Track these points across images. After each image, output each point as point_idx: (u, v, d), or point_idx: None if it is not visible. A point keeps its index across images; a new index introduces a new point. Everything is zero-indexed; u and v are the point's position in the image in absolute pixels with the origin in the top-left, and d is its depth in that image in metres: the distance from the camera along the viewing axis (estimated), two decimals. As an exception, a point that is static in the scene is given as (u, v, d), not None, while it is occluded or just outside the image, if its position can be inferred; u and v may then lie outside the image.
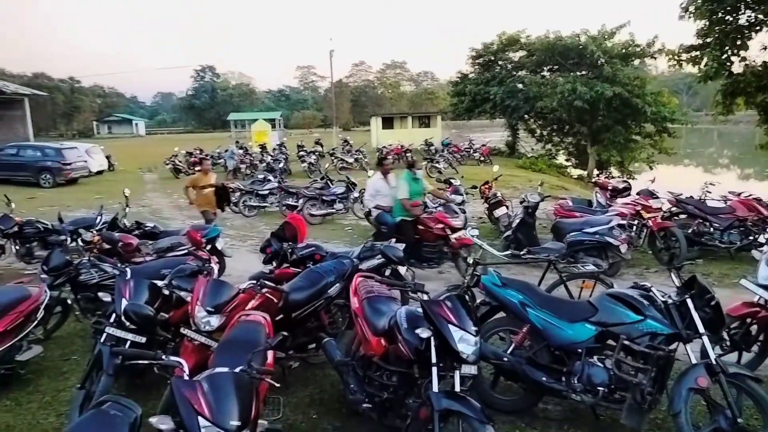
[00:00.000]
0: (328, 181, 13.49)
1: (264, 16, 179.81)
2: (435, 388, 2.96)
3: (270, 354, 3.32)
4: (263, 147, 26.30)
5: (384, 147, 26.28)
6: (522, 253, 5.77)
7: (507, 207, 9.91)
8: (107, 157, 24.92)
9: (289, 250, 5.80)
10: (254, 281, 4.36)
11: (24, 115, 27.91)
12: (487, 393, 4.12)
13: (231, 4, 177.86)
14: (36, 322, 4.89)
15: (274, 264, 5.82)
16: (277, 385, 3.05)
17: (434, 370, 3.02)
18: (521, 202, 9.31)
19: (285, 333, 3.07)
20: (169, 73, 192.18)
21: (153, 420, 2.28)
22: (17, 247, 8.20)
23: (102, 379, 3.86)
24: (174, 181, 21.61)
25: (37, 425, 4.12)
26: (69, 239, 6.66)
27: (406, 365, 3.42)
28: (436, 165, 21.13)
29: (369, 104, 79.70)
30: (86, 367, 4.23)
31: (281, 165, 21.42)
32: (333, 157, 23.72)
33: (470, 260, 4.89)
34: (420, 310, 3.33)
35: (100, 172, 23.16)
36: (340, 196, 12.79)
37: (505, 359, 3.89)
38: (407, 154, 24.74)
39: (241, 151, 23.74)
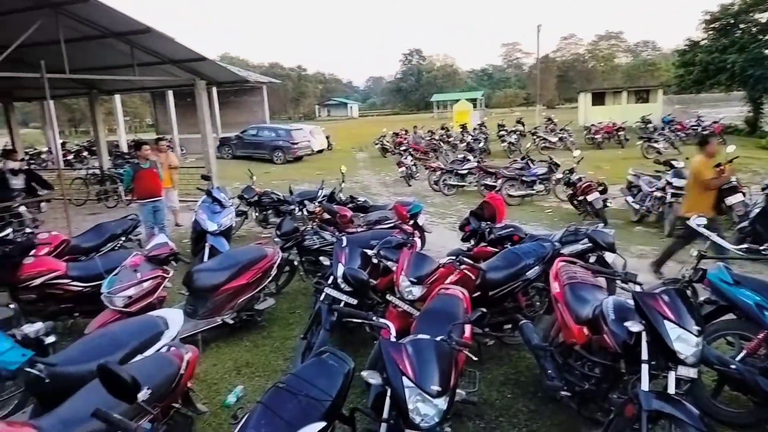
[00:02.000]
0: (529, 161, 13.08)
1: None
2: (645, 386, 2.72)
3: (468, 328, 3.40)
4: (464, 127, 26.50)
5: (593, 125, 24.45)
6: (762, 248, 4.91)
7: (743, 194, 8.49)
8: (327, 138, 27.71)
9: (488, 230, 5.81)
10: (453, 257, 4.48)
11: (262, 100, 32.45)
12: (707, 401, 3.65)
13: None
14: (270, 278, 5.74)
15: (472, 242, 5.90)
16: (475, 358, 3.12)
17: (644, 367, 2.78)
18: (763, 189, 7.90)
19: (483, 309, 3.11)
20: (380, 58, 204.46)
21: (364, 374, 2.54)
22: (257, 214, 9.71)
23: (320, 332, 4.38)
24: (382, 160, 23.06)
25: (269, 365, 4.86)
26: (297, 209, 7.61)
27: (611, 358, 3.21)
28: (654, 145, 18.84)
29: (577, 79, 74.40)
30: (308, 320, 4.85)
31: (481, 145, 21.37)
32: (535, 137, 22.86)
33: (694, 252, 4.33)
34: (630, 301, 3.08)
35: (320, 151, 25.93)
36: (540, 176, 12.32)
37: (733, 367, 3.40)
38: (619, 133, 22.71)
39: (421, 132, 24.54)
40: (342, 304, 4.42)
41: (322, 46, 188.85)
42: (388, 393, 2.46)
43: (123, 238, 6.94)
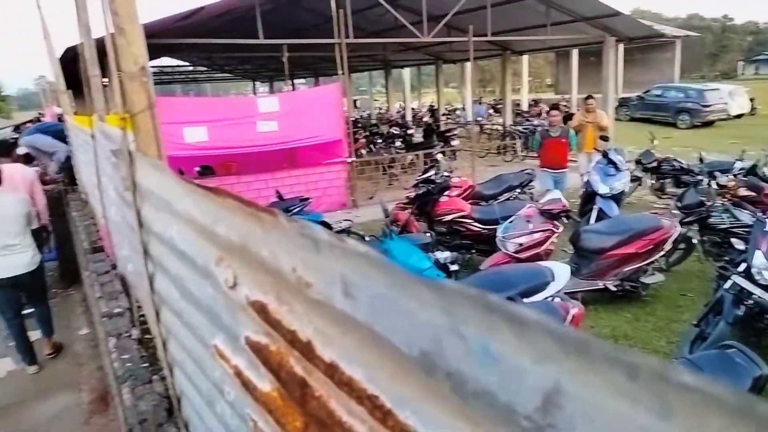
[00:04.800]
0: None
1: None
2: None
3: None
4: None
5: None
6: None
7: None
8: (751, 100, 22.97)
9: None
10: None
11: (673, 57, 29.02)
12: None
13: None
14: (663, 252, 5.28)
15: None
16: None
17: None
18: None
19: None
20: None
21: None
22: (652, 181, 8.94)
23: (720, 324, 3.83)
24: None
25: (650, 343, 4.54)
26: (705, 180, 6.67)
27: None
28: None
29: None
30: (703, 307, 4.29)
31: None
32: None
33: None
34: None
35: (739, 116, 21.72)
36: None
37: None
38: None
39: None
40: (751, 299, 3.73)
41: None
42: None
43: (518, 190, 7.50)
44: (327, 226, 5.73)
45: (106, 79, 3.85)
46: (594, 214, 6.72)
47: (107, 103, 3.81)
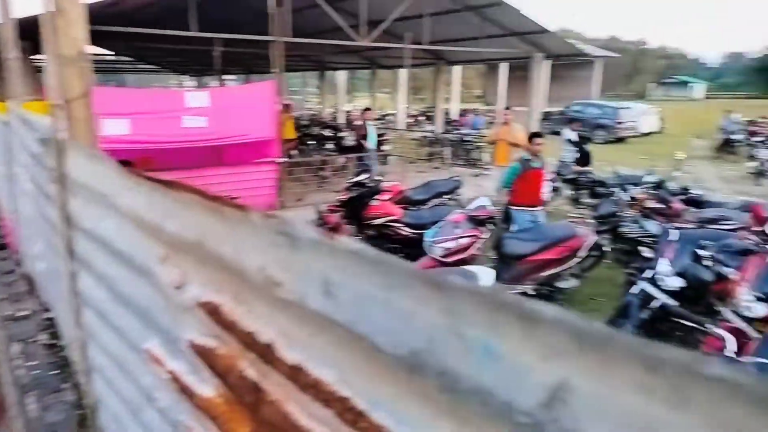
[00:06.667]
0: None
1: None
2: None
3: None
4: None
5: None
6: None
7: None
8: (661, 120, 24.84)
9: None
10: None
11: (593, 75, 30.88)
12: None
13: None
14: (578, 259, 5.59)
15: None
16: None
17: None
18: None
19: None
20: (743, 30, 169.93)
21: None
22: (571, 192, 9.48)
23: (626, 327, 4.10)
24: (724, 150, 19.49)
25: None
26: (617, 193, 7.16)
27: None
28: None
29: None
30: (612, 311, 4.59)
31: None
32: None
33: None
34: None
35: (648, 134, 23.43)
36: None
37: None
38: None
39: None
40: (656, 305, 4.03)
41: (669, 18, 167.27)
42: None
43: (447, 196, 7.71)
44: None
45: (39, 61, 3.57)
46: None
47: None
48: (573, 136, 10.82)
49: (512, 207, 6.53)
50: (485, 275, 4.14)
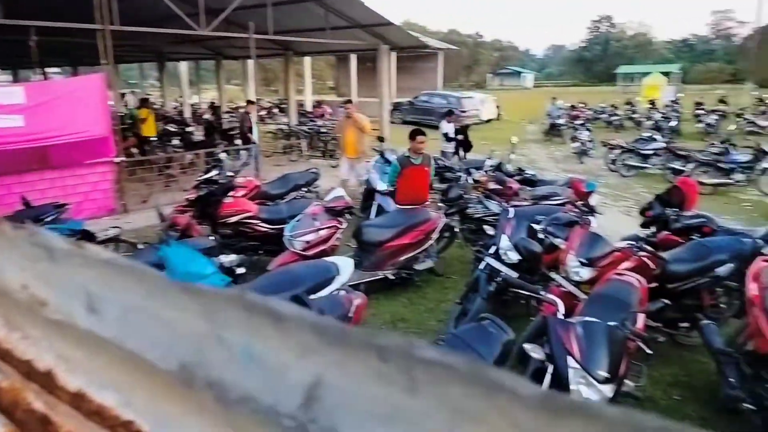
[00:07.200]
0: (729, 146, 11.42)
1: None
2: None
3: (641, 318, 3.17)
4: (652, 103, 23.90)
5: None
6: None
7: None
8: (497, 107, 27.06)
9: (673, 217, 5.27)
10: (632, 242, 4.17)
11: (436, 67, 32.63)
12: None
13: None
14: (431, 241, 5.89)
15: (653, 229, 5.40)
16: (649, 351, 2.90)
17: None
18: None
19: (666, 301, 2.85)
20: (564, 26, 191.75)
21: (527, 346, 2.51)
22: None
23: (477, 300, 4.41)
24: (552, 133, 21.88)
25: (423, 324, 5.04)
26: (463, 177, 7.64)
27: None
28: None
29: (807, 54, 62.15)
30: (464, 287, 4.91)
31: (671, 124, 19.14)
32: (740, 119, 19.82)
33: None
34: None
35: (488, 121, 25.44)
36: (742, 164, 10.72)
37: None
38: None
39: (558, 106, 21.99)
40: (501, 276, 4.38)
41: (502, 13, 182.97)
42: (549, 370, 2.41)
43: (305, 189, 7.62)
44: (89, 235, 5.07)
45: None
46: (374, 210, 7.18)
47: None
48: (450, 129, 11.31)
49: (398, 205, 6.29)
50: (345, 265, 4.17)
